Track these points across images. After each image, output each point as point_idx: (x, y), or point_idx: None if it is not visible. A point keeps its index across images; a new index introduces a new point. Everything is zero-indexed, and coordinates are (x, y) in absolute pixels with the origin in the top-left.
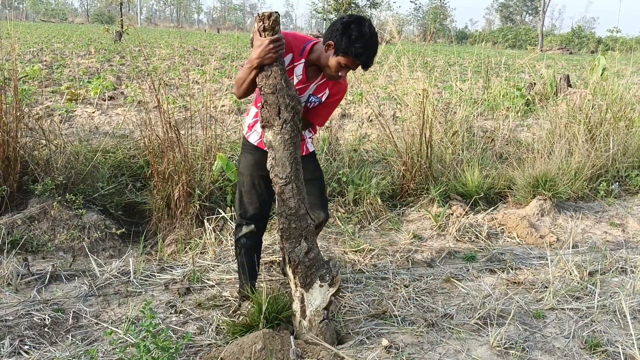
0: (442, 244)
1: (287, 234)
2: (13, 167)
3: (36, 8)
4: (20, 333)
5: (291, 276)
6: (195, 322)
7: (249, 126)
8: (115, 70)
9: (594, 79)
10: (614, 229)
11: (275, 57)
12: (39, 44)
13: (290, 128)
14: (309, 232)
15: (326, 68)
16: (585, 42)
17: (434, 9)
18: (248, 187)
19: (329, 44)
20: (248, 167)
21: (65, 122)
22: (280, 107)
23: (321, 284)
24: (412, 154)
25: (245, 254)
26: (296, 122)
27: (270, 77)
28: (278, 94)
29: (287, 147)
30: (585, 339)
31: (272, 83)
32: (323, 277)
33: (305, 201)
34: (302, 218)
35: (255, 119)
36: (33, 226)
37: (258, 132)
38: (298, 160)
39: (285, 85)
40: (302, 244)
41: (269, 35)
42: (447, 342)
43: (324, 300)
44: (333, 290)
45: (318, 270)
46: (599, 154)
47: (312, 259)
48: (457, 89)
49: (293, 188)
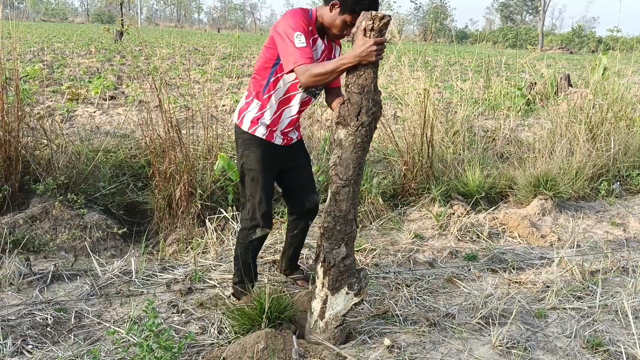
0: (443, 244)
1: (329, 234)
2: (15, 166)
3: (36, 8)
4: (22, 333)
5: (320, 275)
6: (197, 322)
7: (252, 120)
8: (116, 69)
9: (595, 79)
10: (615, 229)
11: (375, 60)
12: (40, 43)
13: (364, 132)
14: (351, 238)
15: (331, 29)
16: (585, 42)
17: (434, 8)
18: (263, 184)
19: (334, 4)
20: (260, 163)
21: (67, 122)
22: (361, 109)
23: (348, 292)
24: (413, 153)
25: (253, 256)
26: (372, 128)
27: (362, 77)
28: (364, 96)
29: (357, 150)
30: (587, 338)
31: (361, 84)
32: (352, 285)
33: (356, 207)
34: (349, 222)
35: (261, 112)
36: (35, 226)
37: (265, 124)
38: (362, 165)
39: (374, 89)
40: (342, 248)
41: (374, 37)
42: (449, 342)
43: (346, 307)
44: (357, 300)
45: (349, 277)
46: (600, 154)
47: (347, 265)
48: (458, 88)
49: (349, 192)
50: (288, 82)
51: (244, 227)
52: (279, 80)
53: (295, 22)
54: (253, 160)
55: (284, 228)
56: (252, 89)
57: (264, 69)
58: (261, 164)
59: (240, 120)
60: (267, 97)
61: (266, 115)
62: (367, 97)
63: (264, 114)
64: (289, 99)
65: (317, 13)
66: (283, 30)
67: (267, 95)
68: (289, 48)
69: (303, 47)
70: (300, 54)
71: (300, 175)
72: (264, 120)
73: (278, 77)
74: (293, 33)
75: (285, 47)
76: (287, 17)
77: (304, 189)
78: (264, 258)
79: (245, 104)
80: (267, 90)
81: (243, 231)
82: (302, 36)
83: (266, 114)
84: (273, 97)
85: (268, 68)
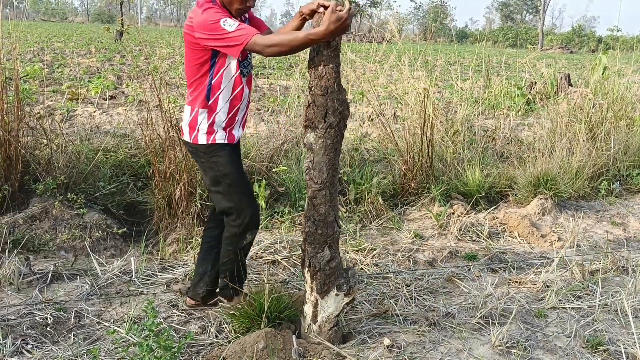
0: (443, 243)
1: (311, 239)
2: (14, 166)
3: (36, 7)
4: (22, 332)
5: (308, 280)
6: (197, 321)
7: (207, 131)
8: (116, 69)
9: (595, 78)
10: (615, 228)
11: (343, 31)
12: (40, 43)
13: (334, 133)
14: (334, 240)
15: (232, 4)
16: (585, 41)
17: (434, 8)
18: (242, 185)
19: None
20: (231, 164)
21: (66, 122)
22: (327, 111)
23: (337, 293)
24: (413, 153)
25: (243, 259)
26: (341, 128)
27: (324, 78)
28: (328, 97)
29: (328, 152)
30: (587, 338)
31: (324, 85)
32: (340, 286)
33: (335, 208)
34: (330, 225)
35: (212, 119)
36: (35, 225)
37: (221, 127)
38: (336, 166)
39: (337, 88)
40: (326, 251)
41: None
42: (449, 342)
43: (337, 308)
44: (348, 300)
45: (337, 279)
46: (600, 153)
47: (332, 268)
48: (458, 88)
49: (326, 194)
50: (231, 77)
51: (232, 233)
52: (221, 80)
53: (211, 13)
54: (224, 166)
55: (284, 228)
56: (192, 101)
57: (199, 76)
58: (233, 166)
59: (194, 137)
60: (213, 101)
61: (219, 119)
62: (332, 98)
63: (215, 119)
64: (239, 94)
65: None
66: (206, 28)
67: (213, 100)
68: (225, 37)
69: (237, 26)
70: (242, 32)
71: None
72: (219, 125)
73: (219, 78)
74: (218, 22)
75: (221, 39)
76: (199, 15)
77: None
78: (263, 258)
79: (192, 118)
80: (211, 94)
81: (233, 237)
82: (228, 19)
83: (218, 118)
84: (220, 98)
85: (203, 76)
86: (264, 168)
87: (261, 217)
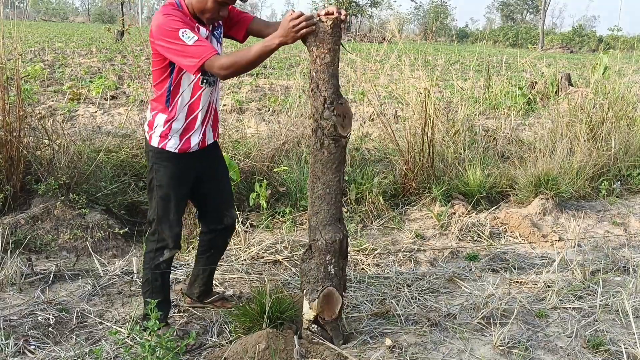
0: (444, 243)
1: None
2: (16, 166)
3: (37, 7)
4: (24, 333)
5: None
6: (199, 322)
7: (161, 135)
8: (117, 69)
9: (596, 78)
10: (616, 228)
11: (298, 35)
12: (41, 43)
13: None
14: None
15: (204, 13)
16: (586, 41)
17: (435, 7)
18: (175, 202)
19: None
20: (172, 179)
21: (68, 122)
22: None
23: (306, 298)
24: (414, 153)
25: (164, 281)
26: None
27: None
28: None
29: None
30: (588, 338)
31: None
32: (307, 293)
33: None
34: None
35: (169, 124)
36: (36, 226)
37: (177, 134)
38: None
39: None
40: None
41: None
42: (451, 342)
43: (308, 313)
44: (312, 313)
45: (307, 283)
46: (600, 153)
47: (303, 269)
48: (459, 87)
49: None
50: (190, 82)
51: (149, 248)
52: (179, 85)
53: (171, 21)
54: (164, 177)
55: (285, 228)
56: (154, 102)
57: (161, 79)
58: (173, 181)
59: (150, 136)
60: (172, 107)
61: (176, 125)
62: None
63: (172, 125)
64: (197, 100)
65: (185, 1)
66: (164, 36)
67: (171, 106)
68: (182, 50)
69: (196, 41)
70: (199, 49)
71: (220, 188)
72: (175, 130)
73: (177, 82)
74: (177, 33)
75: (178, 51)
76: (159, 22)
77: (224, 202)
78: (264, 258)
79: (152, 117)
80: (170, 99)
81: (149, 253)
82: (187, 31)
83: (175, 125)
84: (179, 103)
85: (164, 79)
86: (265, 168)
87: (262, 217)
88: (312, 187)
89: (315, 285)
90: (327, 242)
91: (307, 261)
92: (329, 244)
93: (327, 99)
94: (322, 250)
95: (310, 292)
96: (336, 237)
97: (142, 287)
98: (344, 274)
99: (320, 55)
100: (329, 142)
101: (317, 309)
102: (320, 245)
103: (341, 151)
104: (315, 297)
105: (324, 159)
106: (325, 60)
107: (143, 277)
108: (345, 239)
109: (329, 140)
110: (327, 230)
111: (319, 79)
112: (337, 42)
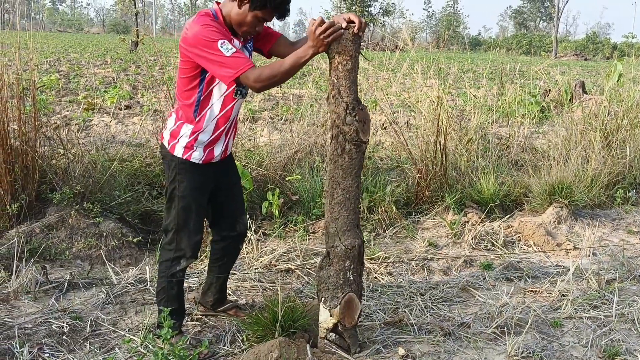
0: (457, 252)
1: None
2: (32, 176)
3: (53, 18)
4: (38, 341)
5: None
6: (211, 330)
7: (186, 146)
8: (131, 79)
9: (610, 85)
10: (632, 237)
11: (327, 41)
12: (56, 54)
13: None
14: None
15: (241, 26)
16: (600, 48)
17: (447, 16)
18: (197, 212)
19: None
20: (194, 190)
21: (83, 131)
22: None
23: (324, 305)
24: (427, 161)
25: (179, 290)
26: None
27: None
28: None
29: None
30: (604, 348)
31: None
32: (326, 300)
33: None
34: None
35: (195, 135)
36: (51, 234)
37: (202, 146)
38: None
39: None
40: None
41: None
42: (464, 352)
43: (326, 321)
44: (333, 320)
45: (325, 290)
46: (615, 161)
47: (320, 276)
48: (472, 96)
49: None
50: (222, 95)
51: (166, 258)
52: (210, 97)
53: (210, 32)
54: (186, 188)
55: (297, 236)
56: (179, 111)
57: (188, 90)
58: (196, 192)
59: (172, 146)
60: (200, 118)
61: (202, 137)
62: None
63: (198, 137)
64: (228, 113)
65: (222, 12)
66: (202, 45)
67: (199, 117)
68: (220, 60)
69: (234, 52)
70: (237, 61)
71: (234, 195)
72: (201, 143)
73: (208, 94)
74: (215, 44)
75: (215, 62)
76: (196, 31)
77: (237, 209)
78: (277, 266)
79: (176, 129)
80: (198, 111)
81: (165, 262)
82: (226, 42)
83: (202, 136)
84: (207, 115)
85: (192, 89)
86: (277, 176)
87: (274, 225)
88: (331, 193)
89: (335, 292)
90: (346, 248)
91: (326, 268)
92: (349, 249)
93: (349, 105)
94: (341, 256)
95: (330, 299)
96: (355, 243)
97: (156, 295)
98: (361, 280)
99: (343, 62)
100: (351, 147)
101: (339, 315)
102: (339, 251)
103: (361, 157)
104: (337, 303)
105: (344, 165)
106: (347, 67)
107: (158, 286)
108: (363, 245)
109: (351, 146)
110: (346, 237)
111: (340, 85)
112: (358, 50)
